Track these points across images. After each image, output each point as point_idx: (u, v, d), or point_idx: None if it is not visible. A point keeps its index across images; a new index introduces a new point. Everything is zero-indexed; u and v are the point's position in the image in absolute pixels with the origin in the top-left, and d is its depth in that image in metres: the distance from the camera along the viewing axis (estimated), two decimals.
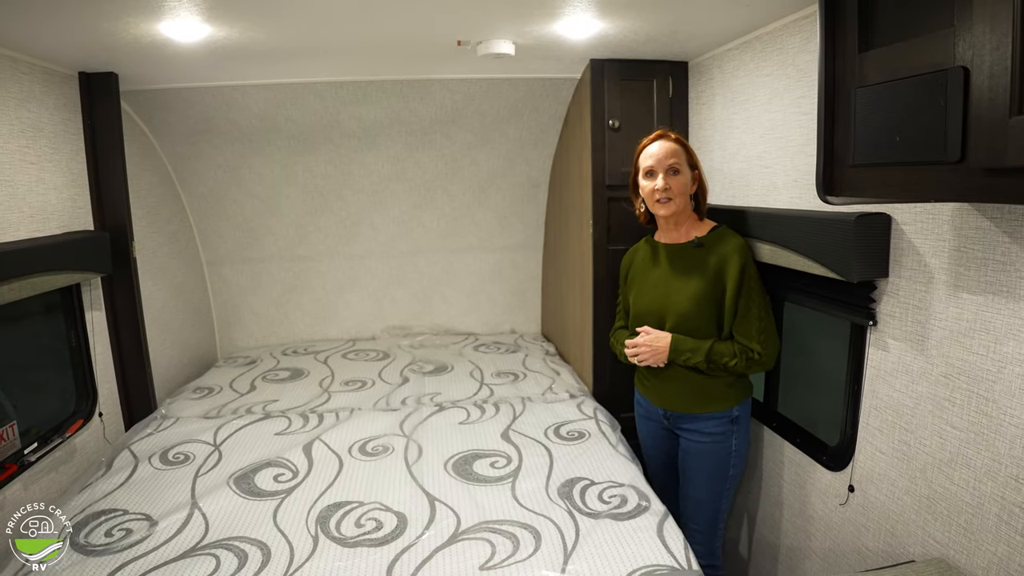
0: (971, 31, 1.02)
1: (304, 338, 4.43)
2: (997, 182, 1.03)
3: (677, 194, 2.25)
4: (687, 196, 2.29)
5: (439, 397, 3.22)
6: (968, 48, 1.03)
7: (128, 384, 3.07)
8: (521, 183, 4.16)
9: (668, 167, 2.24)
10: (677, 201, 2.26)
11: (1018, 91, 0.95)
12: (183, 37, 2.27)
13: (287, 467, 2.50)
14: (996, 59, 0.98)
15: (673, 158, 2.24)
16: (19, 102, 2.42)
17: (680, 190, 2.25)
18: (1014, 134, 0.96)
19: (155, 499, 2.30)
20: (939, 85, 1.09)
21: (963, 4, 1.04)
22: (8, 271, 2.15)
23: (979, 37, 1.01)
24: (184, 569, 1.90)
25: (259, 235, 4.20)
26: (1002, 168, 1.00)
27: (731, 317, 2.22)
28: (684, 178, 2.25)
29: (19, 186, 2.40)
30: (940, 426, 1.69)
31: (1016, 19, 0.93)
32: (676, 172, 2.24)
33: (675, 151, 2.25)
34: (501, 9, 2.17)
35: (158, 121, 3.50)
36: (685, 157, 2.26)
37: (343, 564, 1.91)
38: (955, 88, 1.07)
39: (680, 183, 2.25)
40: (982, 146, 1.02)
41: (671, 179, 2.24)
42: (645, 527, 2.06)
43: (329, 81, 3.34)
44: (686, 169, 2.26)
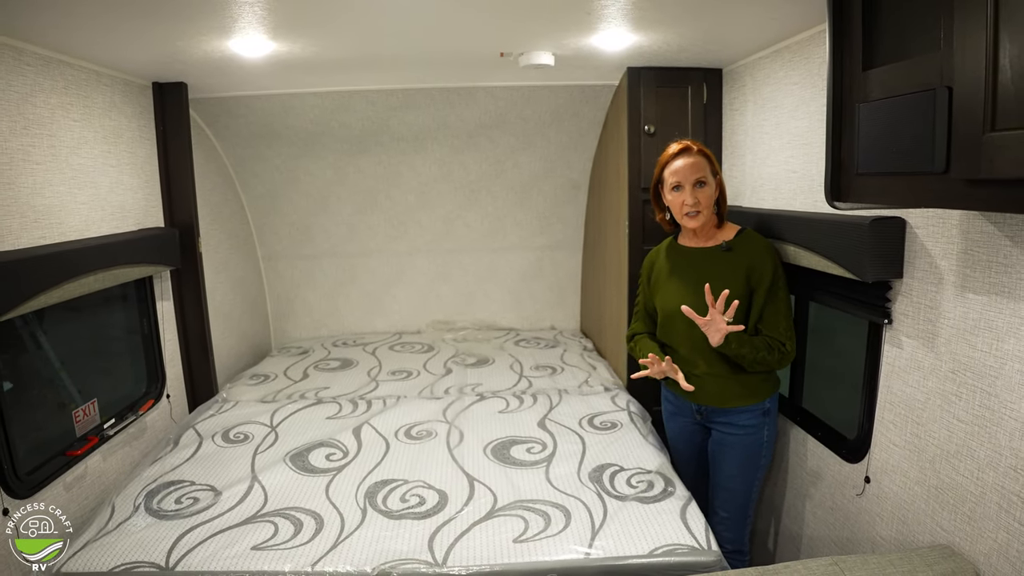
0: (953, 54, 1.14)
1: (353, 330, 4.66)
2: (976, 191, 1.14)
3: (705, 206, 2.32)
4: (712, 206, 2.36)
5: (480, 387, 3.39)
6: (951, 69, 1.15)
7: (192, 369, 3.32)
8: (562, 185, 4.32)
9: (695, 181, 2.30)
10: (705, 213, 2.33)
11: (991, 110, 1.07)
12: (250, 52, 2.49)
13: (338, 447, 2.70)
14: (973, 80, 1.10)
15: (698, 172, 2.30)
16: (103, 111, 2.67)
17: (707, 202, 2.32)
18: (987, 149, 1.08)
19: (218, 472, 2.52)
20: (928, 102, 1.21)
21: (947, 29, 1.16)
22: (94, 264, 2.39)
23: (959, 60, 1.12)
24: (246, 533, 2.11)
25: (312, 232, 4.45)
26: (978, 179, 1.12)
27: (757, 315, 2.30)
28: (710, 189, 2.32)
29: (101, 187, 2.64)
30: (948, 419, 1.79)
31: (988, 44, 1.05)
32: (703, 185, 2.30)
33: (699, 164, 2.31)
34: (541, 25, 2.33)
35: (221, 126, 3.75)
36: (709, 167, 2.32)
37: (388, 534, 2.09)
38: (941, 105, 1.18)
39: (707, 195, 2.32)
40: (961, 159, 1.14)
41: (699, 192, 2.30)
42: (669, 510, 2.19)
43: (380, 89, 3.54)
44: (711, 179, 2.32)
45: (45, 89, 2.32)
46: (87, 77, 2.57)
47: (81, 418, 2.50)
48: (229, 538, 2.09)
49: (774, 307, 2.28)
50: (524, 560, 1.97)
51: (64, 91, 2.43)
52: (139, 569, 1.96)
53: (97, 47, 2.40)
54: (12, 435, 2.12)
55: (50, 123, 2.34)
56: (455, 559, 1.98)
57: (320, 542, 2.06)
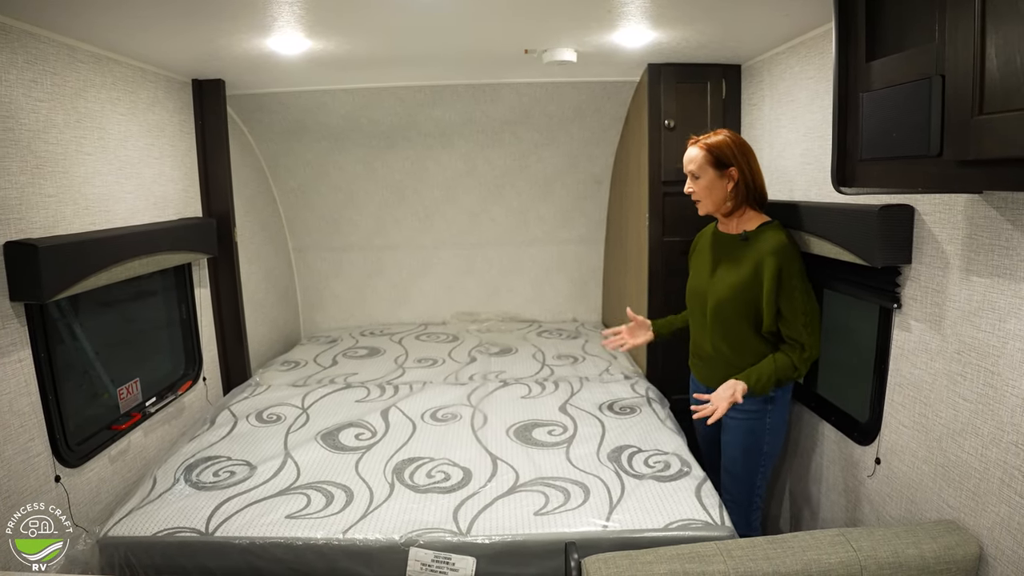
0: (946, 45, 1.22)
1: (380, 321, 4.79)
2: (967, 173, 1.22)
3: (701, 196, 2.42)
4: (715, 196, 2.41)
5: (503, 375, 3.50)
6: (944, 59, 1.23)
7: (227, 353, 3.47)
8: (584, 180, 4.41)
9: (690, 172, 2.42)
10: (704, 202, 2.43)
11: (979, 95, 1.15)
12: (286, 50, 2.62)
13: (367, 428, 2.82)
14: (963, 68, 1.17)
15: (692, 164, 2.41)
16: (147, 106, 2.81)
17: (702, 192, 2.41)
18: (976, 131, 1.16)
19: (253, 449, 2.65)
20: (924, 90, 1.29)
21: (942, 21, 1.24)
22: (139, 249, 2.54)
23: (951, 50, 1.20)
24: (280, 503, 2.24)
25: (341, 225, 4.59)
26: (968, 160, 1.20)
27: (772, 315, 2.33)
28: (704, 180, 2.39)
29: (145, 178, 2.79)
30: (953, 399, 1.85)
31: (976, 35, 1.13)
32: (696, 177, 2.41)
33: (694, 158, 2.40)
34: (563, 23, 2.43)
35: (256, 122, 3.89)
36: (706, 159, 2.38)
37: (415, 506, 2.21)
38: (936, 93, 1.26)
39: (700, 186, 2.41)
40: (953, 142, 1.22)
41: (692, 183, 2.43)
42: (684, 488, 2.28)
43: (408, 85, 3.66)
44: (708, 171, 2.38)
45: (96, 85, 2.46)
46: (133, 74, 2.71)
47: (125, 396, 2.65)
48: (264, 508, 2.21)
49: (791, 305, 2.30)
50: (544, 531, 2.07)
51: (112, 87, 2.57)
52: (181, 534, 2.10)
53: (143, 45, 2.54)
54: (64, 409, 2.26)
55: (100, 117, 2.49)
56: (478, 529, 2.08)
57: (350, 512, 2.18)
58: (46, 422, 2.15)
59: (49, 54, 2.21)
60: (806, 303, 2.31)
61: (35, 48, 2.15)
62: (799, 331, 2.31)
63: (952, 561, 1.69)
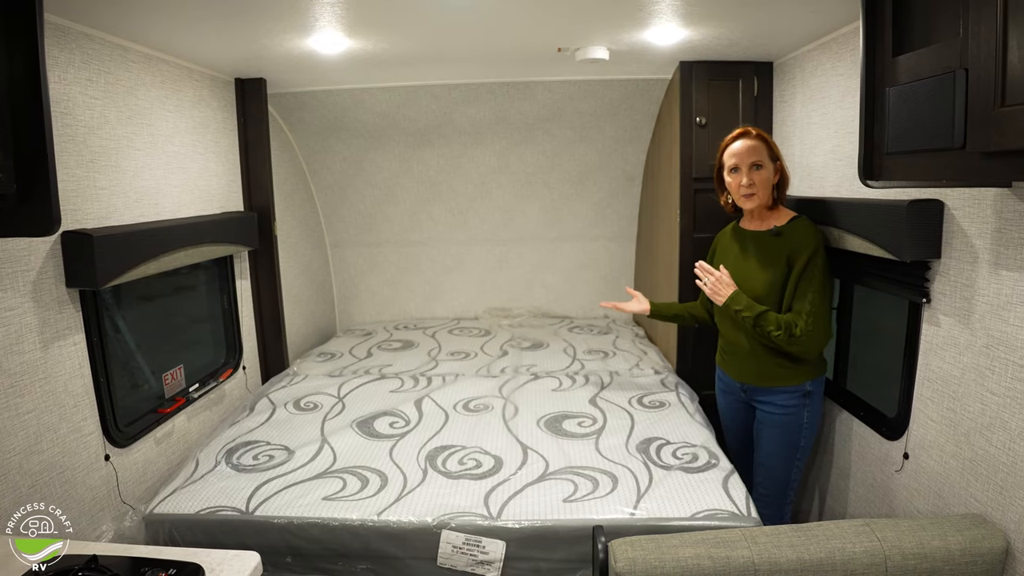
0: (970, 38, 1.24)
1: (414, 315, 4.89)
2: (990, 165, 1.24)
3: (760, 188, 2.41)
4: (770, 188, 2.44)
5: (535, 368, 3.55)
6: (968, 53, 1.25)
7: (266, 344, 3.58)
8: (616, 176, 4.44)
9: (751, 164, 2.40)
10: (761, 194, 2.42)
11: (1001, 88, 1.17)
12: (327, 49, 2.70)
13: (401, 417, 2.89)
14: (986, 62, 1.20)
15: (755, 155, 2.39)
16: (193, 104, 2.92)
17: (763, 184, 2.41)
18: (997, 122, 1.18)
19: (291, 435, 2.74)
20: (948, 84, 1.31)
21: (965, 16, 1.26)
22: (185, 240, 2.64)
23: (974, 44, 1.23)
24: (317, 486, 2.32)
25: (377, 221, 4.68)
26: (991, 152, 1.22)
27: (790, 295, 2.36)
28: (766, 172, 2.41)
29: (191, 172, 2.90)
30: (982, 393, 1.86)
31: (999, 29, 1.15)
32: (759, 167, 2.40)
33: (757, 148, 2.40)
34: (595, 21, 2.47)
35: (295, 119, 4.00)
36: (767, 152, 2.41)
37: (447, 491, 2.27)
38: (960, 86, 1.28)
39: (763, 177, 2.41)
40: (976, 134, 1.24)
41: (754, 174, 2.40)
42: (712, 480, 2.31)
43: (443, 83, 3.74)
44: (768, 163, 2.41)
45: (146, 83, 2.57)
46: (180, 73, 2.82)
47: (169, 381, 2.76)
48: (302, 489, 2.30)
49: (803, 287, 2.33)
50: (573, 517, 2.12)
51: (161, 85, 2.68)
52: (222, 512, 2.19)
53: (190, 46, 2.65)
54: (115, 392, 2.37)
55: (149, 114, 2.60)
56: (508, 514, 2.14)
57: (385, 495, 2.25)
58: (97, 404, 2.26)
59: (104, 54, 2.32)
60: (818, 293, 2.32)
61: (91, 48, 2.26)
62: (800, 312, 2.31)
63: (978, 554, 1.70)
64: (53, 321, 2.07)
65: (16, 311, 1.93)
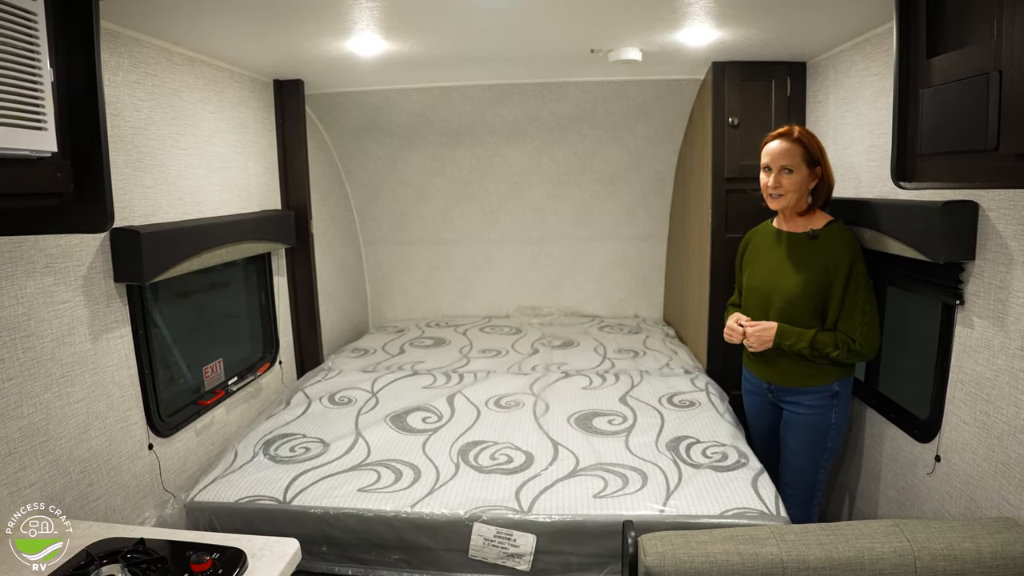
0: (1003, 40, 1.25)
1: (445, 313, 4.94)
2: (1022, 166, 1.25)
3: (788, 191, 2.40)
4: (801, 191, 2.41)
5: (565, 366, 3.58)
6: (1003, 54, 1.26)
7: (302, 339, 3.66)
8: (648, 176, 4.45)
9: (781, 166, 2.39)
10: (788, 197, 2.41)
11: None
12: (364, 51, 2.77)
13: (433, 412, 2.95)
14: (1020, 63, 1.20)
15: (787, 158, 2.37)
16: (233, 105, 3.00)
17: (791, 187, 2.39)
18: None
19: (326, 428, 2.81)
20: (982, 85, 1.31)
21: (999, 18, 1.27)
22: (226, 238, 2.72)
23: (1008, 45, 1.23)
24: (352, 478, 2.38)
25: (409, 220, 4.75)
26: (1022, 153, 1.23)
27: (836, 310, 2.36)
28: (798, 176, 2.38)
29: (231, 171, 2.98)
30: (1016, 396, 1.85)
31: None
32: (789, 171, 2.38)
33: (790, 151, 2.37)
34: (628, 22, 2.50)
35: (331, 120, 4.08)
36: (803, 155, 2.37)
37: (479, 485, 2.32)
38: (993, 87, 1.28)
39: (792, 181, 2.39)
40: (1009, 135, 1.24)
41: (782, 177, 2.39)
42: (741, 479, 2.32)
43: (477, 84, 3.78)
44: (802, 167, 2.38)
45: (189, 85, 2.65)
46: (221, 75, 2.90)
47: (209, 374, 2.84)
48: (337, 481, 2.36)
49: (851, 302, 2.34)
50: (602, 512, 2.15)
51: (204, 87, 2.76)
52: (260, 501, 2.26)
53: (231, 48, 2.73)
54: (158, 384, 2.45)
55: (192, 114, 2.68)
56: (539, 508, 2.18)
57: (418, 488, 2.31)
58: (142, 394, 2.34)
59: (150, 57, 2.41)
60: (867, 302, 2.34)
61: (138, 52, 2.35)
62: (854, 327, 2.34)
63: (1009, 557, 1.69)
64: (102, 314, 2.16)
65: (68, 304, 2.01)
